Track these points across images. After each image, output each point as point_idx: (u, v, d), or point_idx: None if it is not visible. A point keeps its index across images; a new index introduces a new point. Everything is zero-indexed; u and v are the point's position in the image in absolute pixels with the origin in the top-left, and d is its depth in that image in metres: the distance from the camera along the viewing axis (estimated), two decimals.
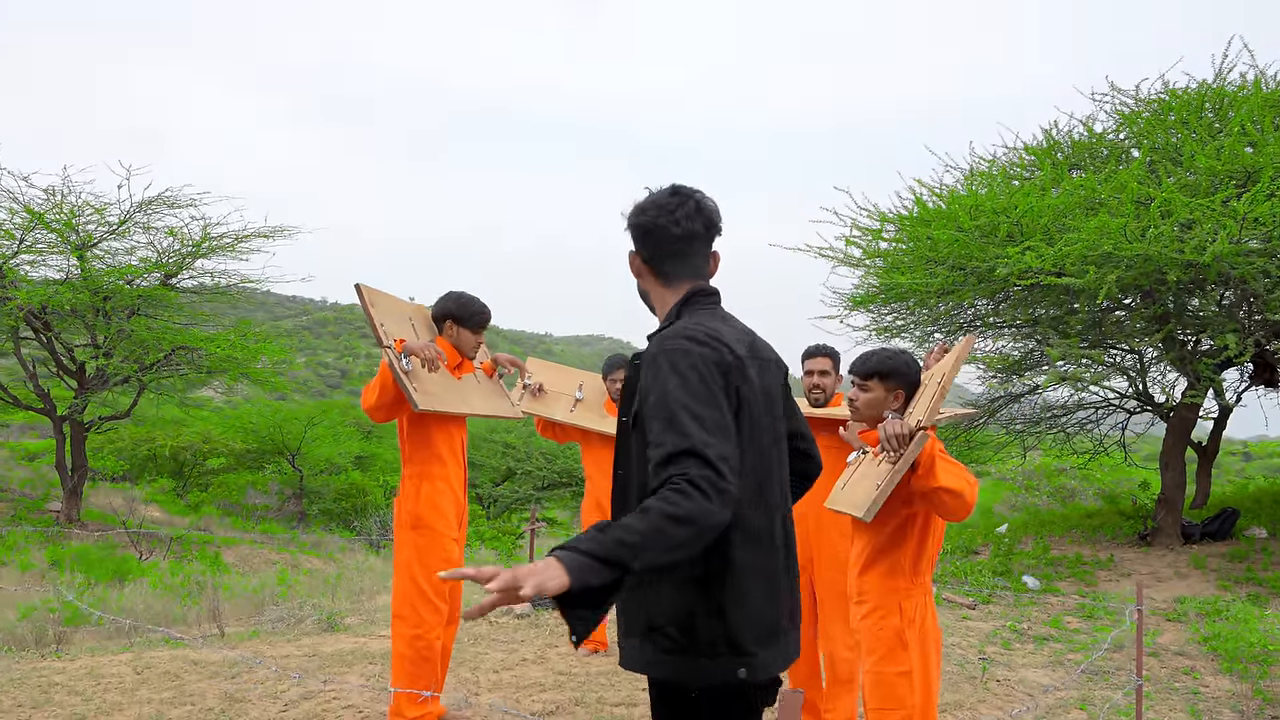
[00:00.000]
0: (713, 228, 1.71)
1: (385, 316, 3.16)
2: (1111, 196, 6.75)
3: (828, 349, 3.69)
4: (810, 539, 3.52)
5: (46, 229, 12.70)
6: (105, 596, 8.62)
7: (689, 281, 1.71)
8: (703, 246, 1.71)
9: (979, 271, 7.25)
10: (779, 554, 1.60)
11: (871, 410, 2.53)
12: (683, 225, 1.67)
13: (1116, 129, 9.57)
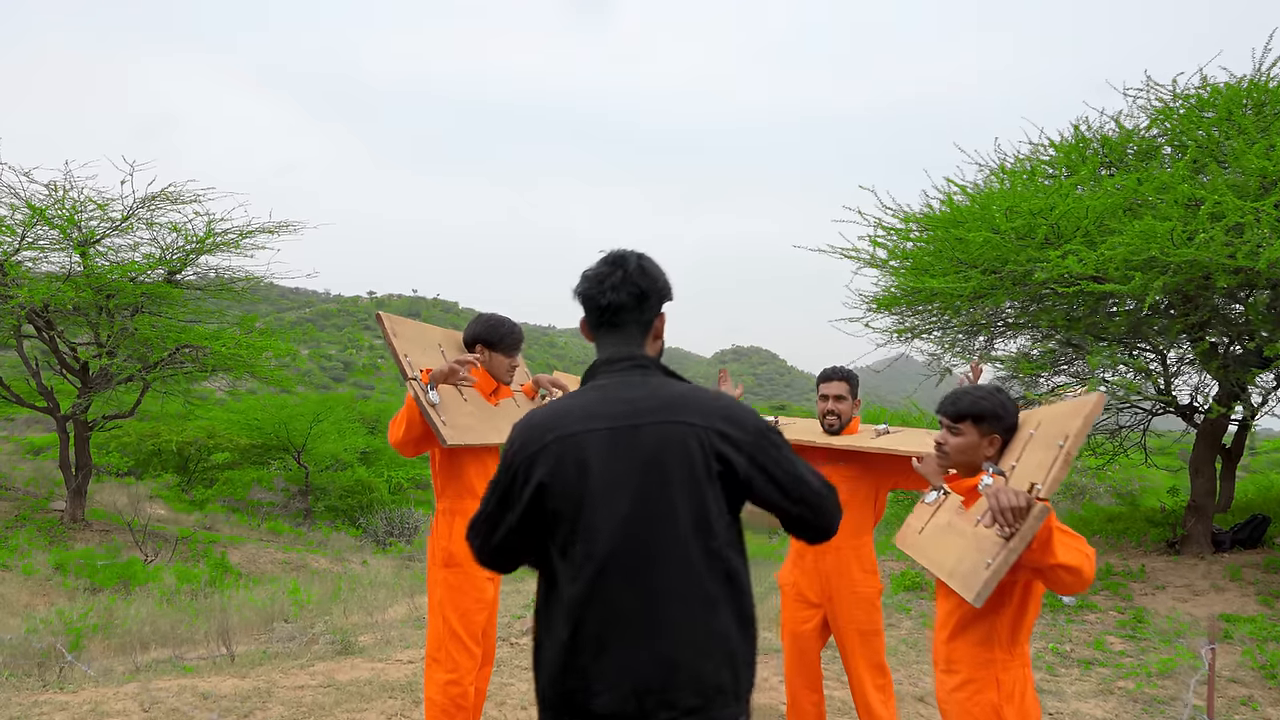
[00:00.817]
0: (645, 298, 1.70)
1: (410, 346, 2.94)
2: (1155, 197, 6.46)
3: (843, 372, 3.46)
4: (830, 575, 3.34)
5: (49, 225, 12.47)
6: (112, 604, 8.44)
7: (609, 351, 1.71)
8: (632, 316, 1.70)
9: (1014, 275, 6.97)
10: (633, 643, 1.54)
11: (963, 456, 2.27)
12: (608, 296, 1.69)
13: (1149, 125, 9.27)
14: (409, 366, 2.87)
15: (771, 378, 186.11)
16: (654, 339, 1.76)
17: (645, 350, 1.72)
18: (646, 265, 1.72)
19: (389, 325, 2.91)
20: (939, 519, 2.42)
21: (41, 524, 13.73)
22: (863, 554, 3.34)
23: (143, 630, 5.65)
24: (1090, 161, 8.74)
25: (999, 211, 6.84)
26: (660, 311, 1.75)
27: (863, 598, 3.29)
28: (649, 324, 1.72)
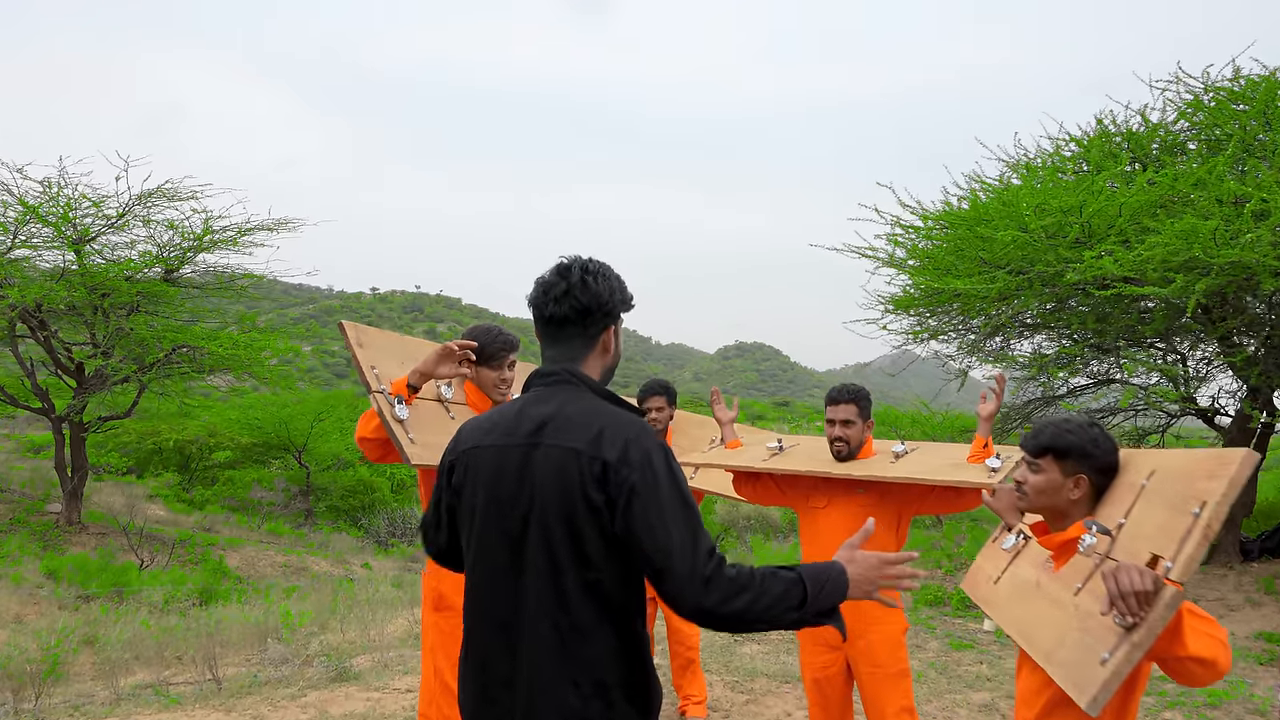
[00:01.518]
0: (588, 313, 1.67)
1: (380, 357, 2.68)
2: (1195, 194, 6.12)
3: (851, 392, 3.11)
4: (848, 614, 2.97)
5: (42, 223, 12.19)
6: (104, 613, 8.17)
7: (546, 363, 1.71)
8: (575, 330, 1.68)
9: (1043, 276, 6.64)
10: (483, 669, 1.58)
11: (1044, 499, 1.95)
12: (551, 308, 1.67)
13: (1176, 119, 8.92)
14: (374, 379, 2.60)
15: (775, 374, 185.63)
16: (602, 352, 1.72)
17: (586, 364, 1.70)
18: (591, 280, 1.67)
19: (352, 336, 2.65)
20: (1022, 572, 2.09)
21: (36, 527, 13.47)
22: (884, 590, 3.03)
23: (125, 656, 5.34)
24: (1119, 158, 8.40)
25: (1028, 209, 6.50)
26: (609, 325, 1.71)
27: (886, 637, 2.99)
28: (594, 338, 1.69)
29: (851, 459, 3.08)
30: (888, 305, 9.11)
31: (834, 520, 3.05)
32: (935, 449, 3.12)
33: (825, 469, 3.04)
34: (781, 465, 3.17)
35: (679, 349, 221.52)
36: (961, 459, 2.91)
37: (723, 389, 39.16)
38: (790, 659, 5.53)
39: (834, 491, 3.06)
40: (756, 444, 3.52)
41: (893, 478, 2.89)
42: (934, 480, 2.81)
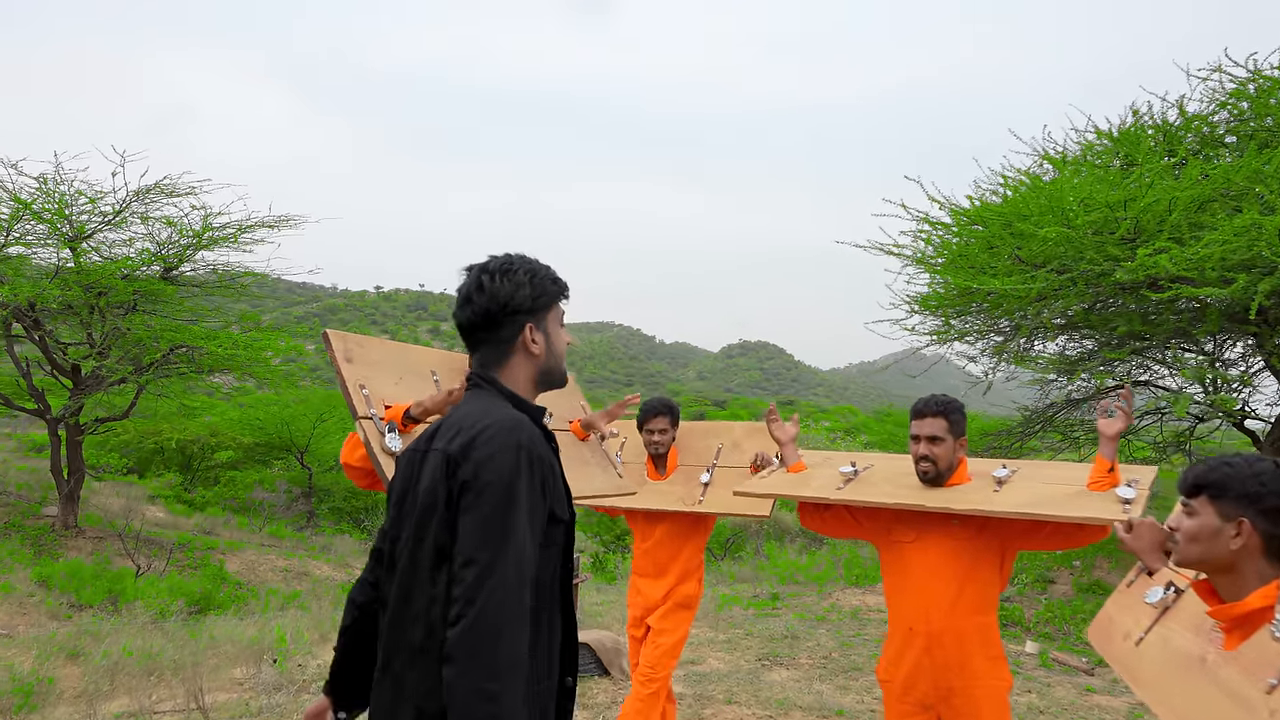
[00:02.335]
0: (493, 317, 1.61)
1: (372, 373, 2.30)
2: (1258, 188, 5.71)
3: (939, 404, 2.64)
4: (946, 668, 2.56)
5: (36, 219, 11.86)
6: (96, 623, 7.82)
7: (476, 365, 1.67)
8: (485, 335, 1.63)
9: (1088, 275, 6.23)
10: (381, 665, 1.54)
11: (1198, 548, 1.57)
12: (458, 316, 1.65)
13: (1213, 110, 8.51)
14: (363, 401, 2.24)
15: (778, 372, 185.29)
16: (524, 355, 1.64)
17: (507, 370, 1.64)
18: (489, 280, 1.61)
19: (339, 349, 2.24)
20: (1175, 638, 1.70)
21: (32, 531, 13.15)
22: (988, 637, 2.57)
23: (105, 687, 4.97)
24: (1156, 151, 8.00)
25: (1073, 203, 6.09)
26: (523, 325, 1.63)
27: (990, 693, 2.53)
28: (508, 341, 1.63)
29: (940, 482, 2.64)
30: (913, 305, 8.71)
31: (926, 557, 2.61)
32: (1043, 469, 2.68)
33: (916, 500, 2.58)
34: (860, 496, 2.71)
35: (683, 347, 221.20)
36: (1081, 484, 2.48)
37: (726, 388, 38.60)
38: (823, 687, 5.14)
39: (924, 523, 2.62)
40: (824, 464, 3.06)
41: (1002, 512, 2.43)
42: (1055, 516, 2.36)
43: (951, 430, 2.63)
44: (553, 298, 1.69)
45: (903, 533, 2.68)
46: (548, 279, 1.68)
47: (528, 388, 1.68)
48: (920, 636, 2.59)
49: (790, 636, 6.38)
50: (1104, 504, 2.34)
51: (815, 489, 2.88)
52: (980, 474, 2.67)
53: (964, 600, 2.56)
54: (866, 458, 3.06)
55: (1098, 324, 7.15)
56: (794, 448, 3.16)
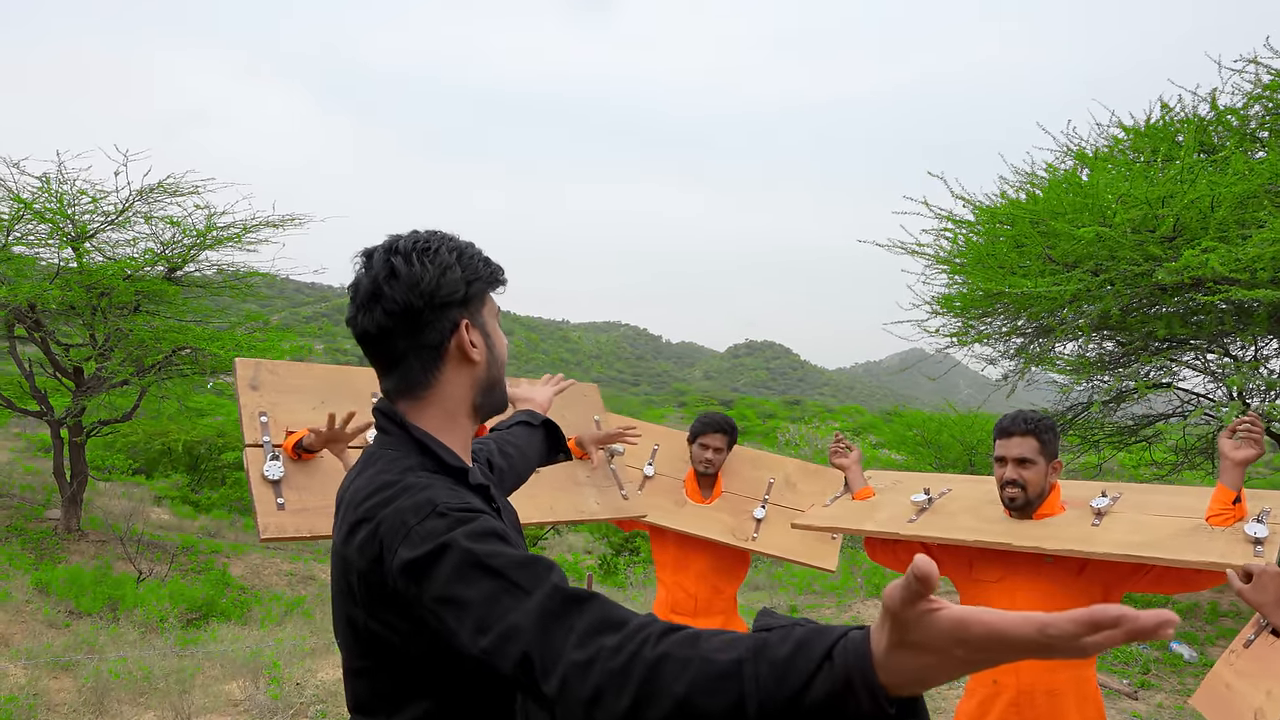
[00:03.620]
0: (415, 313, 1.16)
1: (282, 399, 2.16)
2: None
3: (1029, 422, 2.32)
4: (1052, 700, 2.23)
5: (38, 219, 11.68)
6: (93, 635, 7.61)
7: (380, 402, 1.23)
8: (405, 344, 1.18)
9: (1126, 275, 5.93)
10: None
11: None
12: (360, 323, 1.20)
13: (1246, 104, 8.21)
14: (259, 428, 2.11)
15: (785, 372, 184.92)
16: (459, 362, 1.21)
17: (435, 391, 1.20)
18: (402, 262, 1.16)
19: (243, 375, 2.14)
20: None
21: (34, 535, 12.99)
22: (1086, 694, 2.25)
23: (97, 700, 4.73)
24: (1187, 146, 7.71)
25: (1111, 201, 5.79)
26: (456, 321, 1.19)
27: None
28: (437, 346, 1.18)
29: (1029, 511, 2.32)
30: (935, 306, 8.42)
31: (1014, 600, 2.28)
32: (1151, 496, 2.33)
33: (1001, 539, 2.26)
34: (935, 532, 2.40)
35: (689, 347, 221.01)
36: (1199, 517, 2.13)
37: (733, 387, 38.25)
38: None
39: (1011, 561, 2.31)
40: (893, 489, 2.73)
41: (1103, 554, 2.10)
42: (1170, 560, 2.02)
43: (1044, 452, 2.31)
44: (487, 283, 1.25)
45: (986, 571, 2.37)
46: (478, 258, 1.24)
47: (464, 417, 1.25)
48: (1008, 691, 2.28)
49: None
50: (1228, 543, 2.01)
51: (883, 521, 2.57)
52: (1076, 502, 2.35)
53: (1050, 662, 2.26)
54: (943, 480, 2.73)
55: (1134, 326, 6.86)
56: (859, 472, 2.84)
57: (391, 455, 1.18)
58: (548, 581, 0.95)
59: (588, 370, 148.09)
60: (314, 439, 1.99)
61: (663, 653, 0.83)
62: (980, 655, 0.72)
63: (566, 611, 0.92)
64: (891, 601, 0.73)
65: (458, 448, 1.23)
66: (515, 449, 1.71)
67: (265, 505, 2.00)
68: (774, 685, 0.76)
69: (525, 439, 1.78)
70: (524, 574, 0.96)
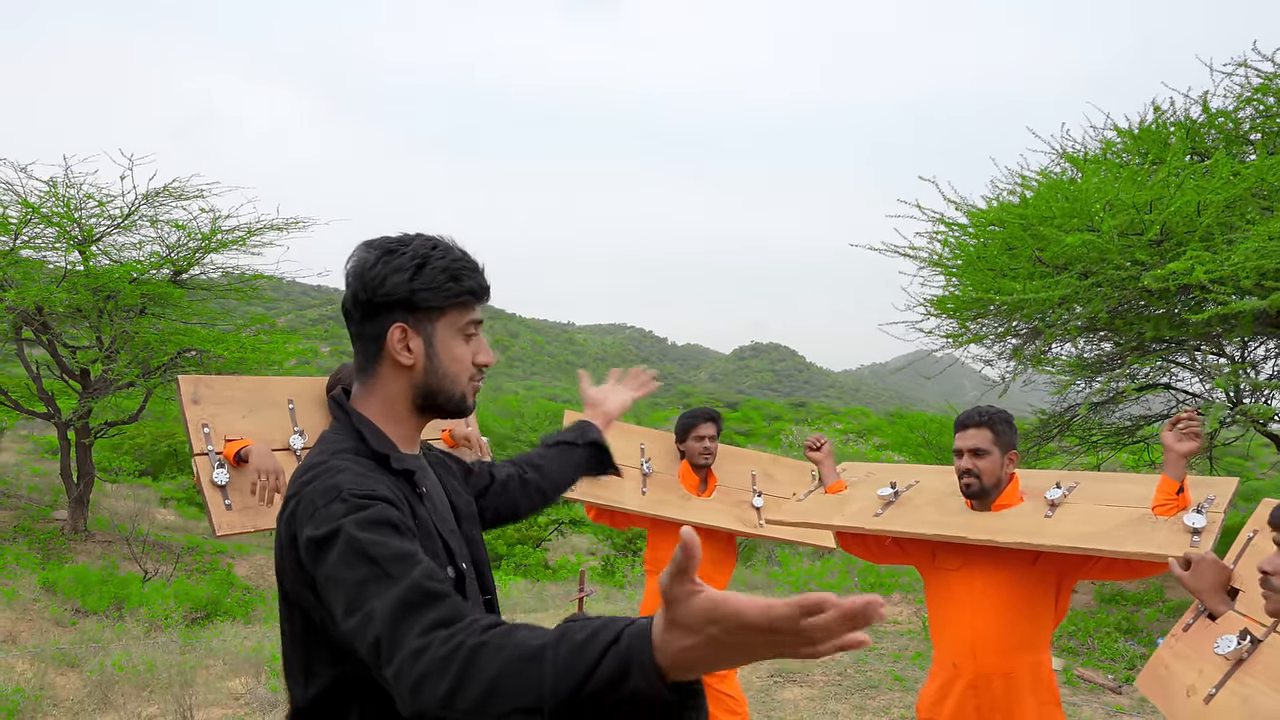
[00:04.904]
0: (357, 304, 1.29)
1: (220, 412, 2.44)
2: None
3: (983, 415, 2.43)
4: (994, 710, 2.35)
5: (45, 223, 11.83)
6: (98, 632, 7.73)
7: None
8: (353, 329, 1.32)
9: (1113, 279, 6.01)
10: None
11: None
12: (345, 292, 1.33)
13: (1236, 106, 8.28)
14: (203, 439, 2.40)
15: (790, 374, 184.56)
16: (392, 366, 1.30)
17: (375, 379, 1.31)
18: (369, 259, 1.27)
19: (186, 391, 2.42)
20: (1258, 698, 1.50)
21: (41, 535, 13.13)
22: (1040, 677, 2.36)
23: (101, 694, 4.84)
24: (1178, 149, 7.77)
25: (1099, 206, 5.86)
26: (390, 324, 1.27)
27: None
28: (373, 341, 1.29)
29: (988, 501, 2.43)
30: (929, 308, 8.50)
31: (972, 587, 2.41)
32: (1106, 485, 2.42)
33: (958, 532, 2.37)
34: (898, 526, 2.52)
35: (695, 349, 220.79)
36: (1145, 507, 2.23)
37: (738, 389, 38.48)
38: (839, 706, 4.94)
39: (970, 549, 2.41)
40: (864, 482, 2.84)
41: (1051, 546, 2.22)
42: (1110, 551, 2.14)
43: (998, 442, 2.42)
44: (444, 298, 1.27)
45: (947, 560, 2.48)
46: (444, 273, 1.27)
47: (404, 411, 1.33)
48: (965, 675, 2.39)
49: None
50: (1170, 533, 2.12)
51: (851, 516, 2.68)
52: (1033, 493, 2.45)
53: (1014, 636, 2.35)
54: (911, 472, 2.82)
55: (1122, 328, 6.93)
56: (832, 466, 2.95)
57: (332, 437, 1.30)
58: (411, 576, 1.05)
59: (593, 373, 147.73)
60: (255, 456, 2.34)
61: (482, 641, 0.93)
62: (731, 637, 0.79)
63: (422, 605, 1.02)
64: (662, 580, 0.82)
65: (398, 436, 1.32)
66: (537, 470, 1.78)
67: (217, 506, 2.30)
68: (568, 666, 0.85)
69: (556, 459, 1.82)
70: (396, 565, 1.06)
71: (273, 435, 2.48)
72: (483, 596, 1.38)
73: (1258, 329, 6.30)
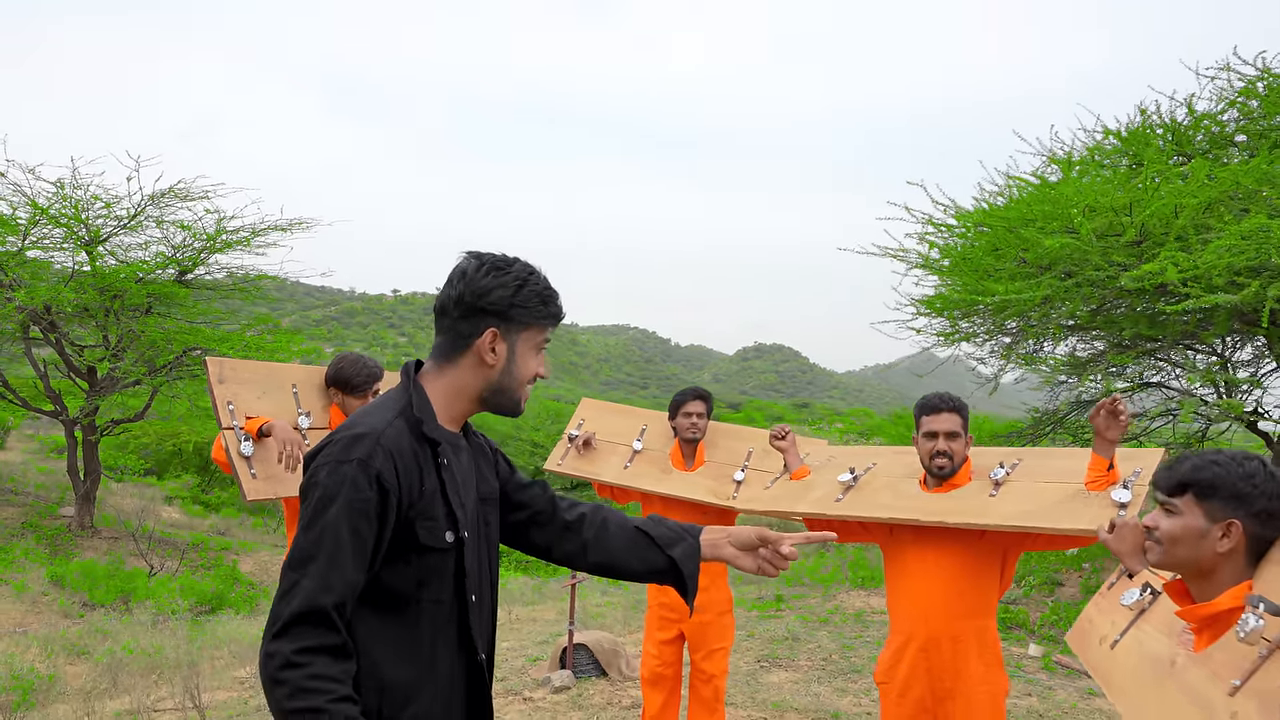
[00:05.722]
0: (463, 304, 1.51)
1: (242, 390, 2.77)
2: (1264, 190, 5.63)
3: (954, 401, 2.64)
4: (942, 671, 2.56)
5: (53, 224, 12.04)
6: (105, 623, 7.92)
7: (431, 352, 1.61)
8: (448, 322, 1.54)
9: (1093, 280, 6.17)
10: None
11: (1182, 550, 1.53)
12: (441, 293, 1.56)
13: (1223, 109, 8.43)
14: (228, 414, 2.71)
15: (794, 375, 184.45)
16: (477, 362, 1.51)
17: (453, 367, 1.53)
18: (476, 269, 1.50)
19: (213, 372, 2.75)
20: (1149, 641, 1.67)
21: (48, 531, 13.34)
22: (985, 641, 2.56)
23: (105, 684, 5.03)
24: (1164, 152, 7.92)
25: (1078, 209, 6.03)
26: (486, 328, 1.49)
27: (986, 699, 2.53)
28: (466, 337, 1.50)
29: (946, 482, 2.63)
30: (918, 307, 8.66)
31: (924, 559, 2.61)
32: (1047, 462, 2.58)
33: (910, 515, 2.57)
34: (856, 510, 2.71)
35: (698, 350, 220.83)
36: (1079, 484, 2.41)
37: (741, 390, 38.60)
38: (821, 689, 5.12)
39: (923, 526, 2.61)
40: (828, 467, 3.00)
41: (992, 525, 2.42)
42: (1043, 528, 2.34)
43: (965, 426, 2.64)
44: (534, 316, 1.52)
45: (903, 535, 2.68)
46: (538, 296, 1.52)
47: (466, 399, 1.55)
48: (917, 639, 2.59)
49: (791, 638, 6.36)
50: (1099, 508, 2.29)
51: (814, 502, 2.85)
52: (981, 472, 2.63)
53: (961, 603, 2.55)
54: (872, 455, 2.99)
55: (1103, 327, 7.09)
56: (796, 454, 3.13)
57: (388, 396, 1.54)
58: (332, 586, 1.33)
59: (596, 374, 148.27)
60: (268, 428, 2.63)
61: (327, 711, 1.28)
62: None
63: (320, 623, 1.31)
64: None
65: (449, 414, 1.55)
66: (599, 539, 1.70)
67: (245, 475, 2.59)
68: None
69: (634, 548, 1.69)
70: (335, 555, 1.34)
71: (281, 414, 2.77)
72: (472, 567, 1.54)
73: (1235, 327, 6.45)
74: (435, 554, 1.45)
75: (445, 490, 1.48)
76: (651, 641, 3.54)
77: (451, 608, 1.48)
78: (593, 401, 4.00)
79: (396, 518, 1.40)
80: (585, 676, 5.19)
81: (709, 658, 3.44)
